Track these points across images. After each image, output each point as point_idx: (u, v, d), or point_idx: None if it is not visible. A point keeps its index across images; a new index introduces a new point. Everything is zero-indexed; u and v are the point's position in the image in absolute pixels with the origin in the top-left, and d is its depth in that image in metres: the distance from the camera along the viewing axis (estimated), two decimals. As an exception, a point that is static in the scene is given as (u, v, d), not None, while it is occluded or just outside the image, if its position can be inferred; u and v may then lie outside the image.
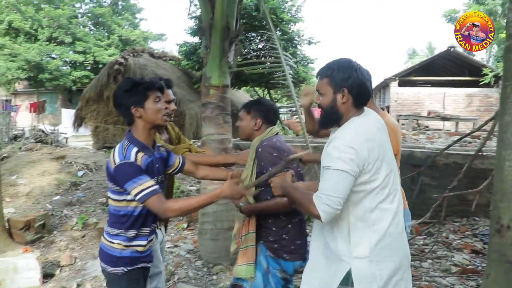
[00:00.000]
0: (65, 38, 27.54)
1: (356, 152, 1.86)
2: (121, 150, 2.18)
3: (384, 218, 1.97)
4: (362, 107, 2.07)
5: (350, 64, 2.04)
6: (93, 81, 14.12)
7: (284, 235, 2.48)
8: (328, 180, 1.89)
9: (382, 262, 1.94)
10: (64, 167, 8.89)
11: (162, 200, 2.11)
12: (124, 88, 2.23)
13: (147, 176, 2.13)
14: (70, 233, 5.77)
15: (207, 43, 4.75)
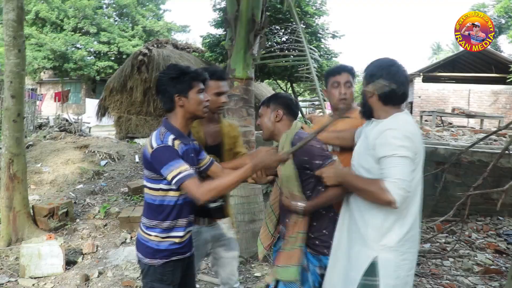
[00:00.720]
0: (90, 28, 27.94)
1: (412, 142, 1.98)
2: (158, 135, 2.17)
3: (414, 210, 2.06)
4: (396, 106, 2.14)
5: (382, 63, 2.16)
6: (117, 72, 14.25)
7: (324, 230, 2.43)
8: (396, 166, 1.96)
9: (405, 253, 2.04)
10: (87, 156, 9.03)
11: (198, 183, 2.09)
12: (170, 75, 2.22)
13: (183, 161, 2.12)
14: (92, 222, 5.87)
15: (232, 35, 4.74)
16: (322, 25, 14.62)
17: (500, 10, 24.12)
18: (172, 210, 2.25)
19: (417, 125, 2.12)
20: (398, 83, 2.10)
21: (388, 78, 2.09)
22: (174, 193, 2.22)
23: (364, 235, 2.09)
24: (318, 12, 14.27)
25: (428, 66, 20.97)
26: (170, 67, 2.30)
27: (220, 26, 14.85)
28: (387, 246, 2.04)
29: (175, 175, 2.07)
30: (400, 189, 1.92)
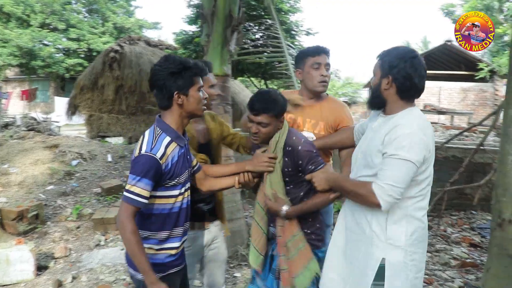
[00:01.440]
0: (59, 24, 27.20)
1: (425, 141, 1.89)
2: (151, 139, 1.98)
3: (421, 209, 2.01)
4: (411, 101, 2.05)
5: (404, 54, 2.00)
6: (88, 69, 13.92)
7: (318, 224, 2.43)
8: (392, 169, 1.89)
9: (414, 253, 1.98)
10: (57, 156, 8.75)
11: (132, 215, 1.91)
12: (171, 70, 1.98)
13: (150, 184, 1.92)
14: (64, 224, 5.67)
15: (208, 31, 4.65)
16: (296, 22, 14.68)
17: (468, 10, 24.71)
18: (166, 219, 2.07)
19: (426, 118, 2.02)
20: (420, 76, 1.98)
21: (412, 71, 1.96)
22: (168, 200, 2.06)
23: (370, 235, 2.02)
24: (292, 9, 14.33)
25: None
26: (168, 59, 2.03)
27: (193, 23, 14.70)
28: (395, 245, 1.97)
29: (129, 189, 1.90)
30: (387, 196, 1.88)
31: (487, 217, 6.19)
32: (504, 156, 3.73)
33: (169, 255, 2.11)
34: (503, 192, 3.74)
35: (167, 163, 1.98)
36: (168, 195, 2.05)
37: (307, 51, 2.75)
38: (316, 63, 2.66)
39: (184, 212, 2.14)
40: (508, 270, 3.71)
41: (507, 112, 3.73)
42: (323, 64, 2.67)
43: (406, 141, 1.86)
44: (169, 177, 2.01)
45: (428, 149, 1.91)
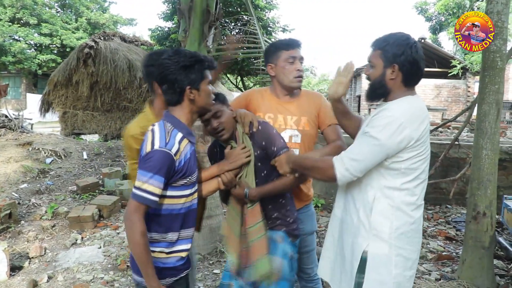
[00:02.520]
0: (30, 19, 26.52)
1: (403, 128, 1.81)
2: (164, 133, 1.85)
3: (410, 204, 1.93)
4: (413, 87, 2.00)
5: (406, 40, 1.94)
6: (62, 65, 13.61)
7: (295, 212, 2.44)
8: (360, 145, 1.88)
9: (400, 249, 1.92)
10: (31, 153, 8.55)
11: (143, 214, 1.81)
12: (183, 64, 1.89)
13: (163, 181, 1.82)
14: (39, 223, 5.55)
15: (186, 26, 4.60)
16: (272, 19, 14.72)
17: (440, 8, 25.24)
18: (174, 220, 1.96)
19: (424, 110, 1.94)
20: (423, 60, 1.95)
21: (417, 56, 1.92)
22: (178, 200, 1.95)
23: (357, 224, 1.99)
24: (268, 5, 14.35)
25: None
26: (179, 52, 1.93)
27: (169, 19, 14.60)
28: (378, 237, 1.92)
29: (139, 187, 1.80)
30: (344, 169, 1.86)
31: (462, 211, 6.33)
32: (478, 151, 3.82)
33: (180, 258, 2.00)
34: (477, 185, 3.83)
35: (181, 160, 1.88)
36: (179, 195, 1.94)
37: (280, 44, 2.58)
38: (291, 57, 2.51)
39: (193, 213, 2.06)
40: (482, 262, 3.81)
41: (481, 108, 3.82)
42: (298, 58, 2.54)
43: (382, 122, 1.83)
44: (181, 175, 1.91)
45: (411, 139, 1.82)
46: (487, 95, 3.75)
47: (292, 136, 2.55)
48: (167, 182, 1.86)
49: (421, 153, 1.88)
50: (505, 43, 3.70)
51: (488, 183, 3.77)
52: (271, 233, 2.33)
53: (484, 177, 3.78)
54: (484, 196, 3.80)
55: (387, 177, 1.91)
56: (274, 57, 2.56)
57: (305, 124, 2.58)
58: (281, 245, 2.32)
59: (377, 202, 1.92)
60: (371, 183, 1.94)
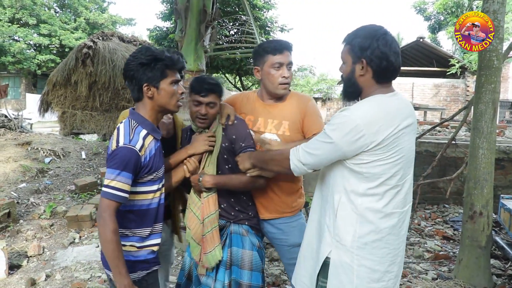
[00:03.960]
0: (29, 19, 26.50)
1: (359, 130, 1.67)
2: (128, 130, 1.90)
3: (377, 212, 1.76)
4: (387, 84, 1.82)
5: (374, 32, 1.78)
6: (60, 65, 13.58)
7: (251, 202, 2.49)
8: (316, 139, 1.82)
9: (363, 259, 1.77)
10: (30, 153, 8.55)
11: (114, 211, 1.82)
12: (140, 61, 1.91)
13: (130, 177, 1.85)
14: (37, 222, 5.55)
15: (182, 26, 4.61)
16: (270, 19, 14.71)
17: (439, 7, 25.22)
18: (146, 215, 2.00)
19: (397, 112, 1.75)
20: (395, 53, 1.77)
21: (386, 49, 1.75)
22: (146, 195, 1.99)
23: (323, 228, 1.89)
24: (266, 5, 14.36)
25: None
26: (142, 49, 1.97)
27: (167, 19, 14.60)
28: (341, 243, 1.79)
29: (107, 184, 1.82)
30: (297, 160, 1.85)
31: (459, 210, 6.34)
32: (475, 150, 3.83)
33: (151, 252, 2.03)
34: (474, 185, 3.84)
35: (146, 156, 1.92)
36: (147, 191, 1.98)
37: (267, 47, 2.42)
38: (277, 63, 2.38)
39: (162, 208, 2.09)
40: (479, 261, 3.82)
41: (477, 107, 3.83)
42: (285, 64, 2.39)
43: (337, 121, 1.73)
44: (147, 171, 1.94)
45: (369, 142, 1.68)
46: (483, 95, 3.76)
47: (272, 140, 2.44)
48: (135, 179, 1.90)
49: (387, 157, 1.71)
50: (501, 42, 3.72)
51: (484, 182, 3.79)
52: (236, 227, 2.40)
53: (481, 176, 3.79)
54: (480, 195, 3.81)
55: (350, 180, 1.78)
56: (261, 61, 2.44)
57: (285, 129, 2.45)
58: (248, 238, 2.38)
59: (342, 207, 1.80)
60: (336, 186, 1.83)
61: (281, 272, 4.09)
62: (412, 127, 1.80)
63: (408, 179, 1.84)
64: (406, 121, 1.76)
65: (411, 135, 1.82)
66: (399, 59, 1.80)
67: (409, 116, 1.78)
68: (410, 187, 1.88)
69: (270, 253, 4.48)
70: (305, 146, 1.86)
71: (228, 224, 2.39)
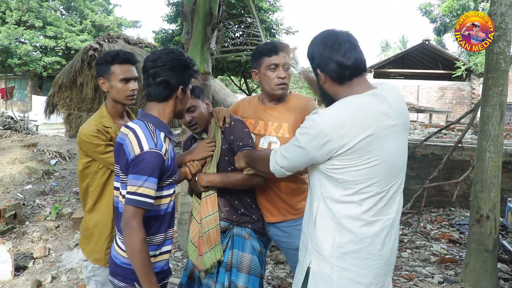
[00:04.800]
0: (35, 22, 26.66)
1: (324, 135, 1.59)
2: (150, 134, 1.81)
3: (357, 219, 1.65)
4: (356, 83, 1.70)
5: (314, 40, 1.77)
6: (66, 67, 13.65)
7: (254, 205, 2.49)
8: (290, 144, 1.76)
9: (343, 270, 1.66)
10: (36, 155, 8.59)
11: (141, 220, 1.76)
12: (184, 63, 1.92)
13: (156, 183, 1.79)
14: (43, 224, 5.57)
15: (188, 29, 4.60)
16: (276, 21, 14.70)
17: (445, 10, 25.16)
18: (163, 220, 1.93)
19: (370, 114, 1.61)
20: (341, 52, 1.68)
21: (328, 51, 1.69)
22: (165, 199, 1.93)
23: (306, 236, 1.83)
24: (272, 8, 14.34)
25: (379, 62, 21.57)
26: (177, 52, 1.94)
27: (173, 21, 14.61)
28: (320, 253, 1.71)
29: (135, 191, 1.74)
30: (275, 161, 1.84)
31: (465, 214, 6.30)
32: (482, 153, 3.80)
33: (166, 262, 1.98)
34: (481, 188, 3.81)
35: (168, 159, 1.87)
36: (166, 194, 1.93)
37: (263, 49, 2.44)
38: (273, 64, 2.38)
39: (174, 212, 2.06)
40: (485, 265, 3.79)
41: (484, 110, 3.80)
42: (281, 65, 2.39)
43: (306, 124, 1.66)
44: (169, 174, 1.90)
45: (337, 147, 1.59)
46: (490, 97, 3.74)
47: (271, 143, 2.46)
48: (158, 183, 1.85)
49: (361, 163, 1.60)
50: (508, 45, 3.69)
51: (491, 185, 3.76)
52: (238, 229, 2.39)
53: (488, 179, 3.77)
54: (487, 198, 3.78)
55: (327, 186, 1.69)
56: (258, 63, 2.45)
57: (285, 130, 2.46)
58: (249, 242, 2.37)
59: (320, 214, 1.72)
60: (315, 192, 1.76)
61: (286, 275, 4.08)
62: (396, 128, 1.66)
63: (394, 185, 1.71)
64: (387, 122, 1.63)
65: (396, 137, 1.67)
66: (352, 54, 1.68)
67: (392, 116, 1.65)
68: (397, 194, 1.74)
69: (276, 255, 4.47)
70: (282, 148, 1.83)
71: (231, 226, 2.39)
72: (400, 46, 43.41)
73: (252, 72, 2.55)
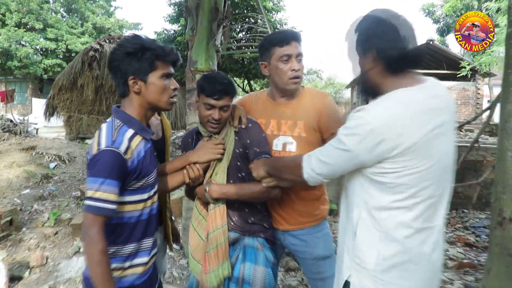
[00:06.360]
0: (36, 24, 26.54)
1: (377, 134, 1.41)
2: (111, 132, 1.64)
3: (405, 226, 1.49)
4: (409, 75, 1.54)
5: (376, 16, 1.55)
6: (66, 68, 13.51)
7: (265, 212, 2.27)
8: (330, 145, 1.57)
9: (389, 284, 1.51)
10: (34, 158, 8.39)
11: (102, 227, 1.58)
12: (126, 50, 1.69)
13: (117, 185, 1.60)
14: (41, 230, 5.35)
15: (193, 25, 4.41)
16: (280, 21, 14.57)
17: (448, 10, 25.00)
18: (134, 229, 1.74)
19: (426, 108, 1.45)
20: (408, 39, 1.50)
21: (394, 34, 1.49)
22: (136, 205, 1.73)
23: (342, 247, 1.67)
24: (276, 7, 14.23)
25: None
26: (129, 38, 1.74)
27: (175, 22, 14.51)
28: (362, 267, 1.55)
29: (92, 196, 1.57)
30: (310, 168, 1.63)
31: (479, 216, 6.08)
32: (503, 153, 3.59)
33: (138, 276, 1.75)
34: (502, 189, 3.60)
35: (133, 159, 1.66)
36: (136, 200, 1.73)
37: (273, 39, 2.21)
38: (285, 55, 2.15)
39: (154, 219, 1.84)
40: (509, 270, 3.57)
41: (505, 108, 3.59)
42: (294, 55, 2.16)
43: (351, 124, 1.47)
44: (136, 176, 1.69)
45: (391, 148, 1.42)
46: (511, 94, 3.53)
47: (286, 144, 2.23)
48: (122, 186, 1.65)
49: (416, 165, 1.44)
50: (530, 39, 3.49)
51: (514, 187, 3.55)
52: (250, 240, 2.14)
53: (510, 180, 3.55)
54: (510, 200, 3.56)
55: (372, 192, 1.52)
56: (267, 55, 2.23)
57: (300, 129, 2.22)
58: (263, 253, 2.13)
59: (362, 224, 1.55)
60: (356, 199, 1.58)
61: (298, 283, 3.85)
62: (448, 126, 1.50)
63: (445, 189, 1.54)
64: (440, 118, 1.47)
65: (448, 135, 1.51)
66: (414, 43, 1.52)
67: (443, 112, 1.49)
68: (446, 198, 1.57)
69: (286, 262, 4.25)
70: (319, 152, 1.62)
71: (242, 237, 2.14)
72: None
73: (261, 65, 2.33)
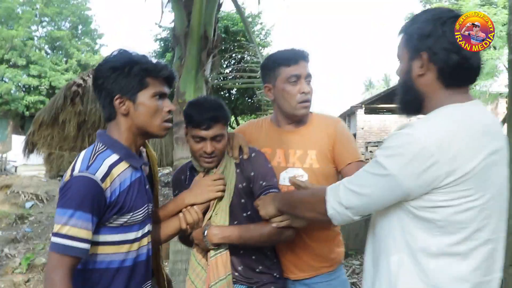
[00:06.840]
0: (19, 60, 26.29)
1: (428, 156, 1.14)
2: (89, 155, 1.39)
3: (464, 280, 1.20)
4: (462, 90, 1.28)
5: (438, 15, 1.29)
6: (48, 104, 13.21)
7: (275, 259, 1.93)
8: (364, 172, 1.28)
9: None
10: (9, 197, 7.99)
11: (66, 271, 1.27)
12: (111, 64, 1.44)
13: (90, 220, 1.31)
14: (10, 278, 4.90)
15: (181, 54, 4.21)
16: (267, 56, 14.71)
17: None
18: (115, 278, 1.41)
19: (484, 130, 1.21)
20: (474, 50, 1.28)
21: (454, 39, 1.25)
22: (118, 247, 1.40)
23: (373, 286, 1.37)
24: (262, 43, 14.37)
25: (369, 98, 22.14)
26: (116, 52, 1.48)
27: (161, 57, 14.51)
28: None
29: (58, 232, 1.29)
30: (336, 201, 1.31)
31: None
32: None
33: None
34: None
35: (114, 189, 1.38)
36: (118, 241, 1.42)
37: (279, 58, 1.97)
38: (293, 76, 1.89)
39: (142, 268, 1.50)
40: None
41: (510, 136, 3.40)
42: (303, 76, 1.91)
43: (395, 143, 1.20)
44: (117, 211, 1.39)
45: (443, 173, 1.14)
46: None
47: (297, 177, 1.90)
48: (99, 222, 1.34)
49: (471, 198, 1.17)
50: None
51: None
52: None
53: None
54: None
55: (415, 232, 1.23)
56: (271, 76, 1.96)
57: (313, 160, 1.95)
58: None
59: (404, 273, 1.24)
60: (393, 241, 1.28)
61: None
62: (502, 153, 1.23)
63: (502, 233, 1.25)
64: (495, 143, 1.21)
65: (502, 165, 1.24)
66: (479, 54, 1.28)
67: (498, 136, 1.24)
68: (503, 242, 1.27)
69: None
70: (347, 182, 1.32)
71: None
72: (383, 84, 44.50)
73: (264, 88, 2.05)
